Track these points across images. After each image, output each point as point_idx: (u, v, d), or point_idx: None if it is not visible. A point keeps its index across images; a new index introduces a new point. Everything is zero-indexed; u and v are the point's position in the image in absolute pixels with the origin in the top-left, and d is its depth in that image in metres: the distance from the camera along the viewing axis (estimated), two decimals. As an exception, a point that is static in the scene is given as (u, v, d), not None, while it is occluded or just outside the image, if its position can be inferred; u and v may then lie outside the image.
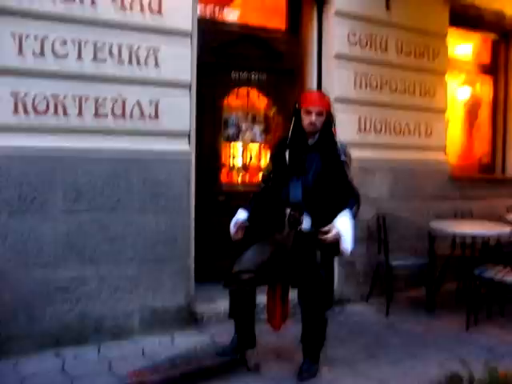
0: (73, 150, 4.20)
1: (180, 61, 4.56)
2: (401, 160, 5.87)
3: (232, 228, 3.87)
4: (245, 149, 5.62)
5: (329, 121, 3.74)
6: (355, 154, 5.37)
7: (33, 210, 4.08)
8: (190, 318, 4.64)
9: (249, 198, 5.44)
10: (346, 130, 5.39)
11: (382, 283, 5.44)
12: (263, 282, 3.77)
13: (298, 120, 3.73)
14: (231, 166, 5.61)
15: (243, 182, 5.66)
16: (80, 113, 4.23)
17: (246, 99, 5.63)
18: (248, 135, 5.61)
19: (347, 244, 3.51)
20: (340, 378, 3.80)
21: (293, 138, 3.78)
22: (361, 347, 4.37)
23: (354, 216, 3.61)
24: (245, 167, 5.64)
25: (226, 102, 5.49)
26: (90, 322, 4.26)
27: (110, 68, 4.32)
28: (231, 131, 5.53)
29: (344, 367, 3.97)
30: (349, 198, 3.66)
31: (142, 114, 4.42)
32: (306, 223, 3.65)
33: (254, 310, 3.90)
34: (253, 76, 5.53)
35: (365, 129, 5.67)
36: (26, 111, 4.08)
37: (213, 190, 5.33)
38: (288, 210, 3.66)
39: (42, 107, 4.12)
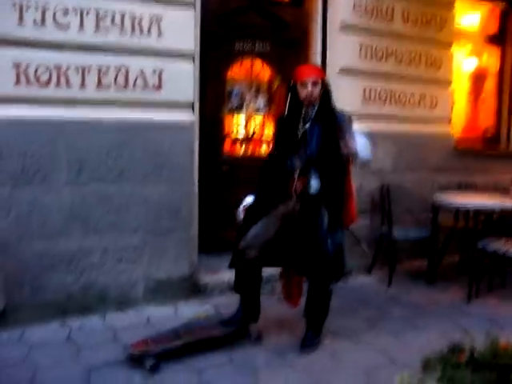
0: (75, 121, 4.19)
1: (183, 30, 4.50)
2: (405, 131, 5.83)
3: (240, 213, 3.85)
4: (248, 120, 5.59)
5: (325, 90, 3.75)
6: (359, 124, 5.41)
7: (36, 181, 4.09)
8: (193, 289, 4.68)
9: (252, 168, 5.47)
10: (350, 100, 5.37)
11: (385, 255, 5.47)
12: (269, 261, 3.79)
13: (295, 96, 3.74)
14: (235, 136, 5.59)
15: (246, 153, 5.64)
16: (83, 83, 4.20)
17: (250, 70, 5.57)
18: (252, 106, 5.57)
19: (366, 152, 3.74)
20: (342, 349, 3.84)
21: (290, 113, 3.79)
22: (363, 318, 4.41)
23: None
24: (248, 138, 5.62)
25: (229, 72, 5.44)
26: (94, 292, 4.30)
27: (112, 37, 4.27)
28: (235, 102, 5.49)
29: (346, 338, 4.01)
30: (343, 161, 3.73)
31: (145, 84, 4.38)
32: (313, 187, 3.69)
33: (260, 284, 3.94)
34: (257, 46, 5.46)
35: (369, 100, 5.62)
36: (28, 82, 4.05)
37: (216, 161, 5.33)
38: (295, 175, 3.69)
39: (44, 78, 4.09)
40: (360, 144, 3.67)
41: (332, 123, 3.67)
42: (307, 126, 3.71)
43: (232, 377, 3.42)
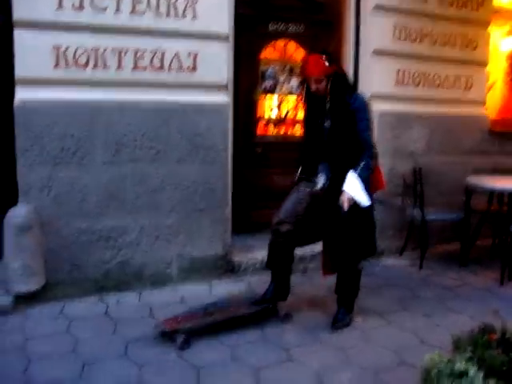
0: (113, 103, 4.29)
1: (218, 12, 4.55)
2: (439, 113, 5.79)
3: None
4: (282, 101, 5.62)
5: (336, 80, 3.75)
6: (392, 107, 5.41)
7: (75, 162, 4.21)
8: (227, 267, 4.77)
9: (285, 150, 5.53)
10: (383, 82, 5.37)
11: (417, 237, 5.47)
12: (302, 236, 3.90)
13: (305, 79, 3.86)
14: (268, 118, 5.62)
15: (280, 134, 5.68)
16: (119, 66, 4.29)
17: (284, 51, 5.58)
18: (285, 87, 5.59)
19: (362, 201, 3.72)
20: (373, 328, 3.90)
21: (308, 102, 3.90)
22: (394, 299, 4.44)
23: (370, 168, 3.77)
24: (281, 119, 5.65)
25: (263, 54, 5.46)
26: (130, 270, 4.43)
27: (148, 20, 4.34)
28: (268, 83, 5.52)
29: (378, 318, 4.06)
30: (362, 152, 3.75)
31: (180, 66, 4.45)
32: (322, 182, 3.81)
33: (291, 263, 4.01)
34: (291, 27, 5.48)
35: (403, 82, 5.58)
36: (67, 65, 4.16)
37: (250, 142, 5.38)
38: (297, 173, 3.93)
39: (82, 61, 4.19)
40: (356, 192, 3.70)
41: (342, 112, 3.73)
42: (326, 123, 3.78)
43: (264, 353, 3.50)
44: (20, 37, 4.04)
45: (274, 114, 5.65)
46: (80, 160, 4.22)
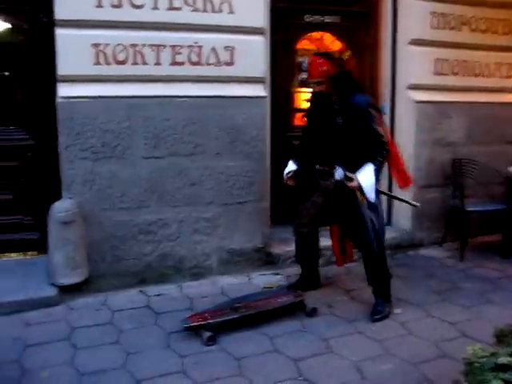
0: (151, 98, 4.35)
1: (254, 6, 4.56)
2: (479, 103, 5.66)
3: (285, 176, 4.20)
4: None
5: (339, 80, 3.84)
6: (431, 96, 5.33)
7: (116, 156, 4.29)
8: (265, 259, 4.79)
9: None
10: (420, 72, 5.30)
11: (456, 228, 5.39)
12: (320, 225, 4.23)
13: None
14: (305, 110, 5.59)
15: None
16: (158, 61, 4.35)
17: (320, 43, 5.55)
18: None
19: (369, 194, 3.78)
20: (413, 319, 3.88)
21: (316, 97, 4.04)
22: (434, 291, 4.41)
23: (381, 164, 3.83)
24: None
25: (299, 46, 5.44)
26: (171, 262, 4.50)
27: (185, 16, 4.38)
28: (305, 75, 5.49)
29: (417, 309, 4.04)
30: (375, 149, 3.80)
31: (217, 60, 4.48)
32: (339, 174, 3.86)
33: (317, 254, 4.36)
34: (327, 19, 5.45)
35: (441, 71, 5.48)
36: (106, 62, 4.24)
37: (287, 134, 5.37)
38: (317, 166, 3.94)
39: (121, 57, 4.27)
40: (367, 183, 3.77)
41: (349, 110, 3.80)
42: (338, 120, 3.85)
43: (303, 344, 3.52)
44: (61, 36, 4.15)
45: (310, 106, 5.62)
46: (120, 154, 4.30)
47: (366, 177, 3.75)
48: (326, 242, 4.71)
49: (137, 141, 4.33)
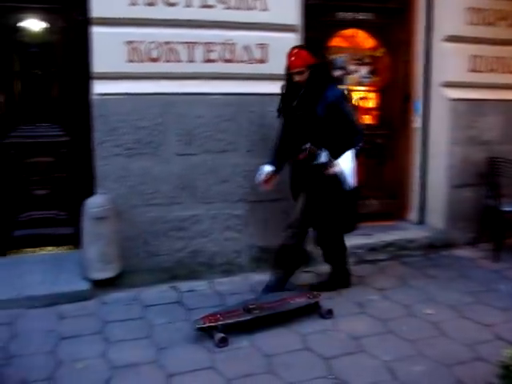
0: (184, 95, 4.38)
1: (287, 3, 4.57)
2: (515, 100, 5.55)
3: (259, 178, 4.17)
4: (351, 90, 5.54)
5: (315, 71, 3.91)
6: (466, 94, 5.24)
7: (149, 152, 4.34)
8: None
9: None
10: (456, 69, 5.23)
11: (491, 228, 5.29)
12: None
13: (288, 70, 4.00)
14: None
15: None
16: (191, 59, 4.38)
17: (353, 40, 5.52)
18: (355, 77, 5.54)
19: (349, 179, 3.90)
20: (446, 320, 3.83)
21: (288, 89, 4.06)
22: (467, 292, 4.34)
23: (358, 152, 3.95)
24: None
25: (332, 43, 5.42)
26: (202, 259, 4.52)
27: (218, 13, 4.40)
28: (338, 73, 5.47)
29: (450, 310, 3.99)
30: (352, 138, 3.95)
31: (250, 58, 4.49)
32: (324, 157, 3.88)
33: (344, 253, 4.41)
34: (360, 17, 5.40)
35: (477, 68, 5.38)
36: (140, 59, 4.28)
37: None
38: (308, 145, 3.87)
39: (154, 55, 4.31)
40: (346, 168, 3.88)
41: (322, 101, 3.86)
42: (318, 110, 3.89)
43: (334, 342, 3.51)
44: (96, 34, 4.21)
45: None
46: (153, 151, 4.34)
47: (346, 163, 3.88)
48: (355, 240, 4.71)
49: (169, 138, 4.36)
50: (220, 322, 3.50)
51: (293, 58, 3.92)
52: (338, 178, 3.88)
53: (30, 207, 4.64)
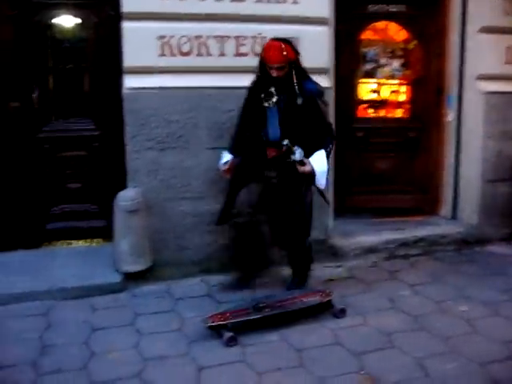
0: (215, 89, 4.37)
1: (318, -4, 4.51)
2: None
3: (221, 166, 4.06)
4: (383, 84, 5.50)
5: (293, 66, 3.75)
6: (501, 87, 5.13)
7: (180, 146, 4.35)
8: (328, 252, 4.73)
9: (386, 133, 5.39)
10: (491, 62, 5.11)
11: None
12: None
13: (264, 65, 3.77)
14: (368, 101, 5.52)
15: (381, 118, 5.56)
16: (222, 52, 4.38)
17: (384, 33, 5.45)
18: (386, 70, 5.46)
19: (321, 180, 3.77)
20: (480, 317, 3.77)
21: (261, 83, 3.84)
22: (502, 289, 4.24)
23: (329, 154, 3.79)
24: (383, 103, 5.53)
25: (363, 36, 5.36)
26: (231, 253, 4.47)
27: (249, 7, 4.38)
28: (369, 66, 5.42)
29: (484, 308, 3.92)
30: (325, 137, 3.80)
31: (281, 51, 4.45)
32: (300, 154, 3.71)
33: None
34: (392, 9, 5.32)
35: (513, 59, 5.26)
36: (171, 53, 4.29)
37: (351, 126, 5.32)
38: (286, 141, 3.69)
39: (186, 49, 4.31)
40: (320, 169, 3.73)
41: (298, 97, 3.72)
42: (274, 99, 3.76)
43: (365, 338, 3.49)
44: (128, 28, 4.23)
45: (374, 97, 5.53)
46: (184, 145, 4.35)
47: (319, 162, 3.73)
48: (386, 235, 4.66)
49: (200, 131, 4.37)
50: (229, 321, 3.45)
51: (276, 52, 3.69)
52: (309, 177, 3.75)
53: (63, 200, 4.71)
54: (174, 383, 3.01)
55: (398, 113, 5.57)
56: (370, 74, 5.47)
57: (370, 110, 5.54)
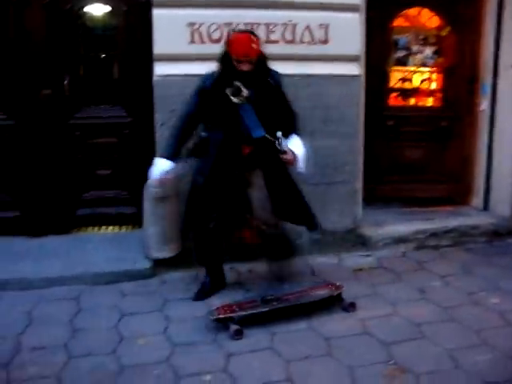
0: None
1: (349, -18, 4.45)
2: None
3: (157, 177, 3.72)
4: (415, 72, 5.42)
5: (261, 58, 3.59)
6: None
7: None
8: (357, 241, 4.71)
9: (417, 122, 5.30)
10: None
11: None
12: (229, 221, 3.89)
13: (229, 59, 3.55)
14: (400, 89, 5.44)
15: (413, 106, 5.50)
16: (251, 39, 4.34)
17: (416, 20, 5.36)
18: (418, 58, 5.38)
19: (302, 164, 3.68)
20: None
21: (224, 77, 3.59)
22: (537, 281, 4.16)
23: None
24: (414, 91, 5.45)
25: (395, 23, 5.27)
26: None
27: (279, -7, 4.34)
28: (401, 54, 5.34)
29: (517, 299, 3.85)
30: (293, 122, 3.75)
31: (312, 38, 4.40)
32: (285, 144, 3.60)
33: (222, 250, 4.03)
34: (425, -6, 5.23)
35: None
36: (201, 40, 4.28)
37: (381, 115, 5.25)
38: (279, 134, 3.57)
39: (216, 36, 4.28)
40: (301, 154, 3.67)
41: (268, 86, 3.60)
42: (245, 94, 3.53)
43: (394, 328, 3.46)
44: (158, 16, 4.23)
45: (406, 86, 5.45)
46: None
47: (298, 148, 3.67)
48: (416, 225, 4.60)
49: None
50: (236, 314, 3.40)
51: (247, 45, 3.48)
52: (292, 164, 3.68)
53: (93, 187, 4.75)
54: (203, 369, 3.01)
55: (430, 101, 5.49)
56: (402, 62, 5.39)
57: (401, 98, 5.46)
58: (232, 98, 3.51)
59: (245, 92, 3.52)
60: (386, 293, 3.94)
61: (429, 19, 5.36)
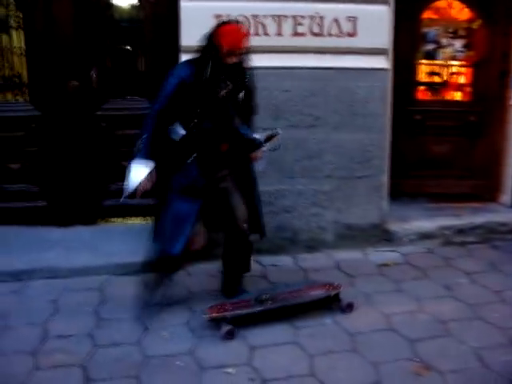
0: (272, 69, 4.30)
1: (378, -26, 4.39)
2: None
3: (143, 183, 3.52)
4: (444, 65, 5.34)
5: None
6: None
7: (234, 127, 4.33)
8: (382, 236, 4.67)
9: (445, 117, 5.21)
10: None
11: None
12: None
13: (216, 51, 3.28)
14: (428, 83, 5.37)
15: (441, 101, 5.42)
16: (279, 32, 4.31)
17: (446, 12, 5.27)
18: (448, 51, 5.30)
19: (263, 163, 3.68)
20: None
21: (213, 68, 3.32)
22: None
23: None
24: (444, 85, 5.38)
25: (424, 16, 5.19)
26: (286, 234, 4.51)
27: (307, -15, 4.30)
28: (430, 47, 5.27)
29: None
30: (252, 117, 3.66)
31: (339, 31, 4.36)
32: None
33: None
34: (455, -14, 5.14)
35: None
36: (228, 32, 4.26)
37: (408, 109, 5.19)
38: (278, 129, 3.62)
39: (243, 28, 4.27)
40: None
41: (244, 81, 3.46)
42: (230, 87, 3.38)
43: (420, 325, 3.43)
44: (185, 8, 4.22)
45: (435, 79, 5.38)
46: (239, 125, 4.34)
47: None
48: (442, 221, 4.54)
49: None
50: (228, 313, 3.33)
51: (241, 37, 3.30)
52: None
53: (119, 178, 4.75)
54: (227, 361, 3.03)
55: (458, 95, 5.41)
56: (431, 55, 5.32)
57: (429, 92, 5.39)
58: (220, 92, 3.34)
59: (230, 85, 3.37)
60: (412, 289, 3.90)
61: (459, 11, 5.27)
